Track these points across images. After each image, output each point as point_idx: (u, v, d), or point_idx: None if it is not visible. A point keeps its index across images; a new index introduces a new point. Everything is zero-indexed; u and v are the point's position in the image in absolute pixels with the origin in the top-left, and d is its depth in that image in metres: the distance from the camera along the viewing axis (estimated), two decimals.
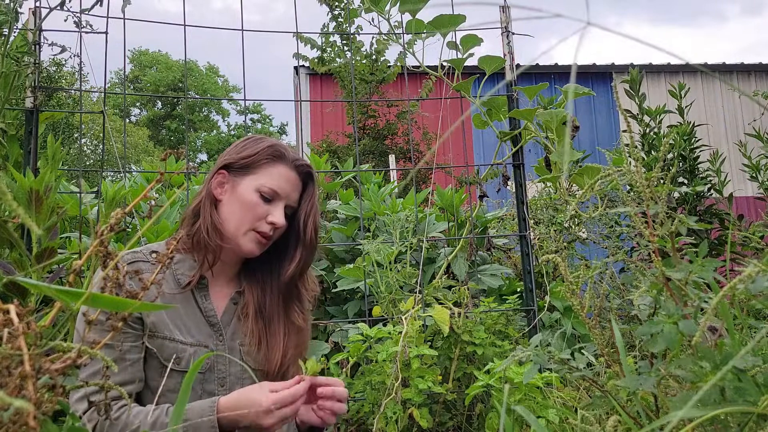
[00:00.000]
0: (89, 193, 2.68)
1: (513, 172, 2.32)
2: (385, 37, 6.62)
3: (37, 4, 2.00)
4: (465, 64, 2.32)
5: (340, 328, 2.22)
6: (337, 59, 7.12)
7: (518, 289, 2.60)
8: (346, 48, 7.04)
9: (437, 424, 1.81)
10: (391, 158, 5.16)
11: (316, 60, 7.16)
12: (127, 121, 27.09)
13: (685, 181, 3.18)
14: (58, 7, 2.02)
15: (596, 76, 11.06)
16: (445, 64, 2.36)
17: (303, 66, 10.11)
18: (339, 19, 6.88)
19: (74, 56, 2.10)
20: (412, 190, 2.63)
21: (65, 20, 2.06)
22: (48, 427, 0.51)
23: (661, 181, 0.85)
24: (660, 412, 0.81)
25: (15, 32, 1.99)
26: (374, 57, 7.05)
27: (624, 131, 3.01)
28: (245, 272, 1.37)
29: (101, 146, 2.20)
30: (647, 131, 3.23)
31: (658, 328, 0.73)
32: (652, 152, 3.17)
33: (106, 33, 2.03)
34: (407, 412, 1.66)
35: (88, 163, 15.01)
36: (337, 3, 6.86)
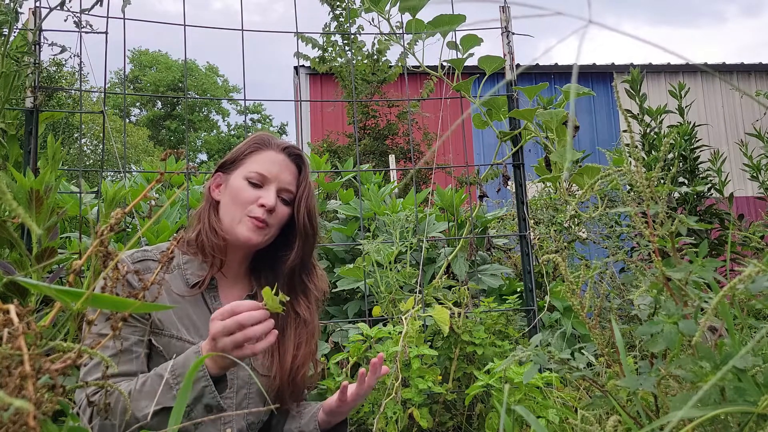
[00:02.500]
0: (89, 193, 2.67)
1: (513, 172, 2.32)
2: (386, 38, 6.61)
3: (37, 4, 2.00)
4: (465, 64, 2.32)
5: (340, 328, 2.22)
6: (338, 59, 7.12)
7: (518, 289, 2.60)
8: (347, 48, 7.04)
9: (437, 424, 1.81)
10: (392, 158, 5.16)
11: (317, 59, 7.16)
12: (127, 121, 27.08)
13: (686, 181, 3.18)
14: (58, 7, 2.01)
15: (596, 76, 11.06)
16: (445, 64, 2.35)
17: (303, 66, 10.11)
18: (340, 19, 6.88)
19: (74, 56, 2.10)
20: (412, 190, 2.63)
21: (65, 20, 2.06)
22: (48, 427, 0.51)
23: (662, 181, 0.85)
24: (660, 412, 0.81)
25: (15, 32, 1.99)
26: (375, 57, 7.05)
27: (624, 131, 3.01)
28: (254, 274, 1.37)
29: (101, 146, 2.20)
30: (648, 131, 3.22)
31: (658, 328, 0.73)
32: (653, 152, 3.16)
33: (106, 33, 2.03)
34: (407, 412, 1.66)
35: (88, 163, 15.00)
36: (338, 2, 6.86)
